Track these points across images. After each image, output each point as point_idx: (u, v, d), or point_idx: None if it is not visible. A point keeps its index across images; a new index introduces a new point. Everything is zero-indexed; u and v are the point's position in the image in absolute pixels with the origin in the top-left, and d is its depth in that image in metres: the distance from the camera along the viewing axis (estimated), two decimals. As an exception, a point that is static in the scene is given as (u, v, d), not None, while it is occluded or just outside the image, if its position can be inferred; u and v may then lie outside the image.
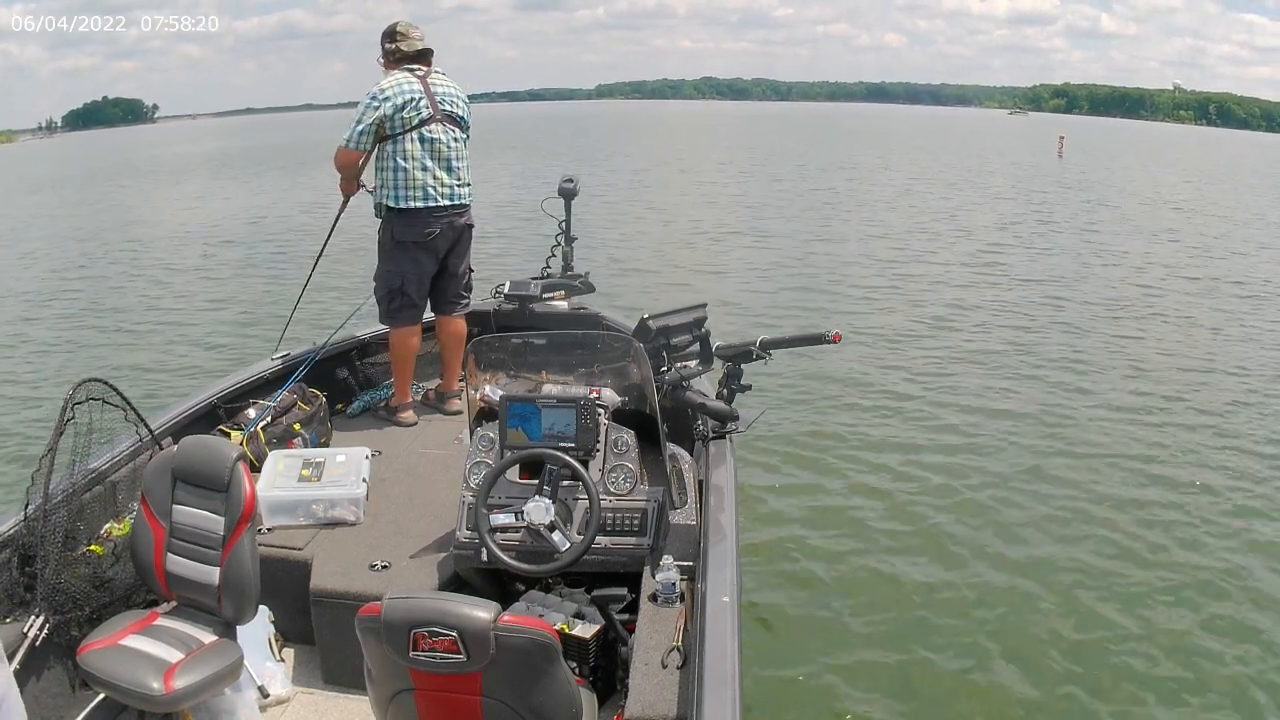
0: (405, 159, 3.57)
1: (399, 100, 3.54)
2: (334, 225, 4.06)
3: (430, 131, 3.60)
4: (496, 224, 13.17)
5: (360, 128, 3.55)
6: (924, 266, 10.89)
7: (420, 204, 3.62)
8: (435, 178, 3.63)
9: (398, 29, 3.68)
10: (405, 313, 3.77)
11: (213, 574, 2.22)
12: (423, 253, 3.70)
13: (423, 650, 1.60)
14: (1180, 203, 18.60)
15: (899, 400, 6.14)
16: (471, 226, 3.84)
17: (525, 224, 12.83)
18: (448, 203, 3.67)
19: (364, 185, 3.78)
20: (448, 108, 3.66)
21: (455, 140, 3.68)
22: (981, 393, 6.32)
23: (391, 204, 3.64)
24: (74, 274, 11.65)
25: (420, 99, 3.58)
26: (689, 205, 17.11)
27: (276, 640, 2.67)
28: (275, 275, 10.76)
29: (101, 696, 2.22)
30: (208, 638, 2.21)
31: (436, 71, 3.71)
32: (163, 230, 15.67)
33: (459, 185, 3.70)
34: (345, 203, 3.90)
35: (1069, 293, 9.53)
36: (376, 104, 3.53)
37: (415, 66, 3.65)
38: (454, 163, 3.67)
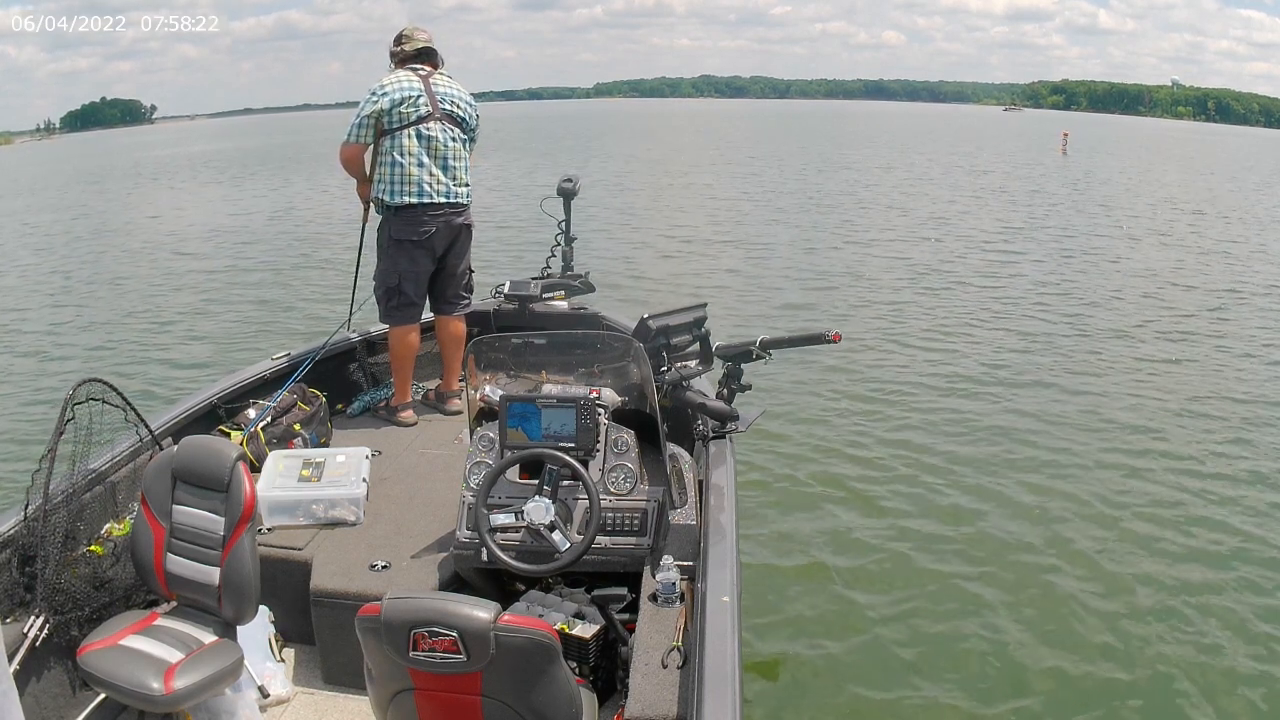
0: (402, 154, 3.60)
1: (397, 95, 3.57)
2: (363, 229, 4.07)
3: (428, 129, 3.62)
4: (495, 224, 13.16)
5: (359, 120, 3.60)
6: (927, 267, 10.84)
7: (415, 200, 3.63)
8: (431, 175, 3.64)
9: (404, 31, 3.76)
10: (403, 311, 3.78)
11: (213, 574, 2.23)
12: (419, 251, 3.70)
13: (423, 650, 1.60)
14: (1195, 204, 18.12)
15: (901, 399, 6.13)
16: (470, 226, 3.84)
17: (524, 224, 12.83)
18: (444, 200, 3.68)
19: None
20: (448, 107, 3.68)
21: (454, 140, 3.69)
22: (987, 393, 6.31)
23: (388, 199, 3.66)
24: (74, 275, 11.65)
25: (419, 96, 3.61)
26: (689, 205, 17.09)
27: (277, 640, 2.66)
28: (274, 276, 10.80)
29: (101, 697, 2.23)
30: (208, 638, 2.22)
31: (442, 72, 3.74)
32: (163, 233, 15.66)
33: (455, 184, 3.71)
34: (367, 208, 3.90)
35: (1082, 297, 9.34)
36: (375, 98, 3.57)
37: (418, 66, 3.70)
38: (451, 161, 3.68)
